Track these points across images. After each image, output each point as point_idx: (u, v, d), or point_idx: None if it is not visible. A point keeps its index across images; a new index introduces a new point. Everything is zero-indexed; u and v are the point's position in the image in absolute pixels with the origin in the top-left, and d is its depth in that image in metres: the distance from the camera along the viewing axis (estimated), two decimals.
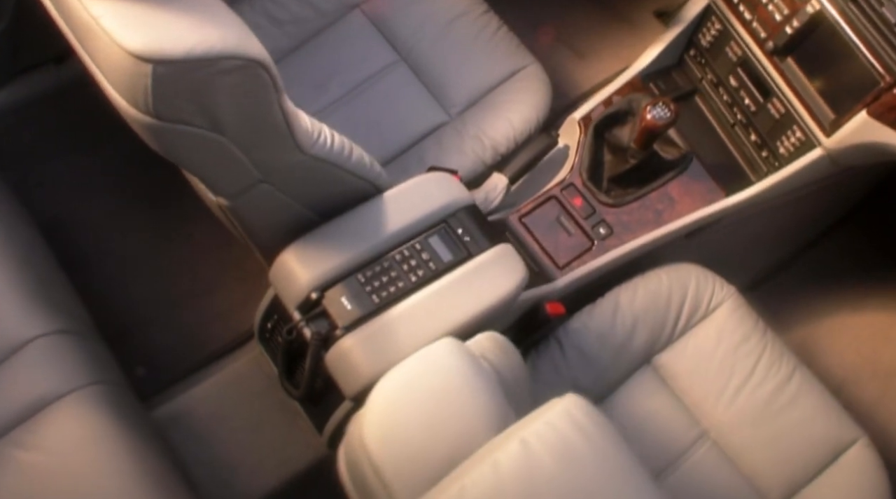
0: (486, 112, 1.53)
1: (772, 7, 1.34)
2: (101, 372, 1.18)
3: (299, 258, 1.14)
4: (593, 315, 1.39)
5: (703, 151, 1.50)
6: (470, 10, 1.61)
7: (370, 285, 1.13)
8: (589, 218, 1.41)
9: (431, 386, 0.70)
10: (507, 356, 1.06)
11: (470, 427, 0.68)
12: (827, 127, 1.32)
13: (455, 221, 1.19)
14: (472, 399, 0.70)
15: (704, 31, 1.48)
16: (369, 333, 1.10)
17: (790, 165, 1.39)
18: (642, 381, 1.39)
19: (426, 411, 0.68)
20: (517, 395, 1.04)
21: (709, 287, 1.44)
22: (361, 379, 1.08)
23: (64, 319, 1.20)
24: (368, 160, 1.17)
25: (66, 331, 1.18)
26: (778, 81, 1.37)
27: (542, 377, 1.35)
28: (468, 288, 1.14)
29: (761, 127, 1.44)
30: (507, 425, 0.72)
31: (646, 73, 1.53)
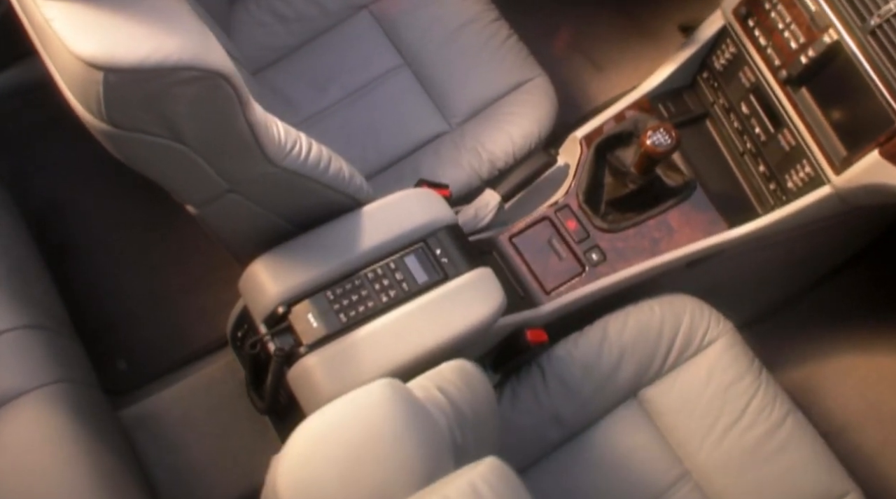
0: (486, 124, 1.49)
1: (788, 34, 1.27)
2: (68, 370, 1.16)
3: (269, 270, 1.10)
4: (579, 344, 1.34)
5: (710, 178, 1.43)
6: (480, 17, 1.56)
7: (339, 303, 1.09)
8: (582, 242, 1.36)
9: (355, 434, 0.66)
10: (470, 389, 1.02)
11: (390, 482, 0.64)
12: (837, 164, 1.25)
13: (434, 241, 1.15)
14: (397, 451, 0.66)
15: (719, 54, 1.42)
16: (333, 354, 1.07)
17: (797, 201, 1.32)
18: (626, 415, 1.34)
19: (345, 461, 0.64)
20: (479, 429, 1.00)
21: (704, 322, 1.38)
22: (321, 400, 1.05)
23: (35, 313, 1.18)
24: (347, 173, 1.13)
25: (36, 326, 1.16)
26: (790, 112, 1.30)
27: (522, 405, 1.30)
28: (440, 313, 1.10)
29: (770, 158, 1.38)
30: (435, 478, 0.68)
31: (656, 93, 1.46)
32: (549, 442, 1.31)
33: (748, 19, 1.33)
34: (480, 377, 1.10)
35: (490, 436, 1.07)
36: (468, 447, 0.94)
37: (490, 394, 1.10)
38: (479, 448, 0.99)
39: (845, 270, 1.68)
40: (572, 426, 1.31)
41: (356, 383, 1.05)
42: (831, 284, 1.68)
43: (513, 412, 1.30)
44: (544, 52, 1.87)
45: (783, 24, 1.27)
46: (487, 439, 1.05)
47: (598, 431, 1.33)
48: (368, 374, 1.06)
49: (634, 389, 1.34)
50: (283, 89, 1.53)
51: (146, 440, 1.26)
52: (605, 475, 1.30)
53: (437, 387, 0.95)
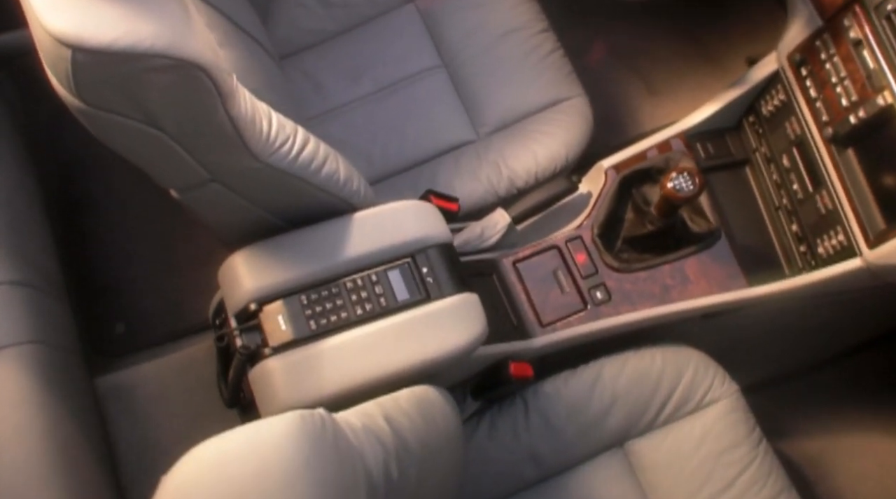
0: (513, 140, 1.43)
1: (840, 89, 1.17)
2: (46, 332, 1.16)
3: (247, 264, 1.08)
4: (569, 383, 1.28)
5: (738, 228, 1.34)
6: (527, 25, 1.50)
7: (311, 309, 1.06)
8: (589, 278, 1.29)
9: (246, 470, 0.62)
10: (425, 420, 0.98)
11: None
12: (872, 237, 1.15)
13: (422, 259, 1.11)
14: (285, 493, 0.62)
15: (768, 99, 1.32)
16: (296, 360, 1.03)
17: (825, 269, 1.23)
18: (609, 464, 1.27)
19: (228, 497, 0.61)
20: (426, 463, 0.95)
21: (707, 379, 1.30)
22: (277, 406, 1.02)
23: (25, 270, 1.18)
24: (343, 176, 1.09)
25: (22, 283, 1.16)
26: (831, 173, 1.20)
27: (499, 437, 1.25)
28: (414, 335, 1.06)
29: (805, 219, 1.28)
30: None
31: (696, 131, 1.38)
32: (524, 479, 1.25)
33: (802, 67, 1.24)
34: (443, 408, 1.05)
35: (442, 469, 1.02)
36: (406, 483, 0.90)
37: (451, 427, 1.06)
38: (423, 482, 0.95)
39: (875, 345, 1.56)
40: (549, 467, 1.26)
41: (314, 395, 1.03)
42: (857, 357, 1.56)
43: (489, 443, 1.25)
44: (596, 66, 1.80)
45: (837, 79, 1.18)
46: (438, 473, 1.00)
47: (577, 476, 1.27)
48: (328, 387, 1.02)
49: (621, 439, 1.28)
50: (315, 74, 1.50)
51: (117, 412, 1.26)
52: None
53: (384, 415, 0.91)
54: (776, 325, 1.44)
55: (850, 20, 1.15)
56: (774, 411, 1.31)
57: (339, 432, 0.75)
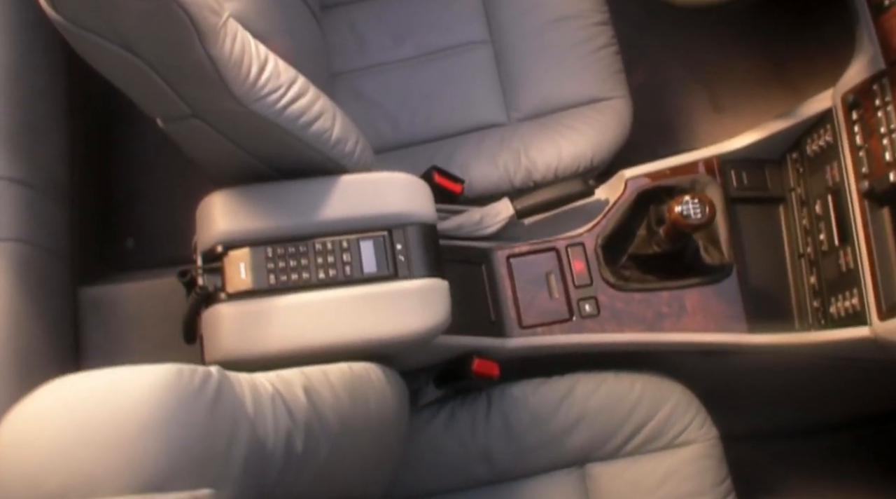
0: (542, 130, 1.37)
1: (887, 142, 1.07)
2: (36, 233, 1.18)
3: (223, 206, 1.06)
4: (539, 391, 1.23)
5: (755, 268, 1.25)
6: (584, 15, 1.42)
7: (274, 263, 1.04)
8: (581, 288, 1.23)
9: (99, 411, 0.61)
10: (352, 399, 0.95)
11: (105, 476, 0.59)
12: (885, 308, 1.05)
13: (399, 235, 1.07)
14: (132, 445, 0.60)
15: (815, 137, 1.22)
16: (248, 311, 1.02)
17: (830, 332, 1.13)
18: (565, 482, 1.22)
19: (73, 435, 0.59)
20: (344, 441, 0.93)
21: (685, 418, 1.23)
22: (220, 353, 1.01)
23: (28, 170, 1.20)
24: (334, 136, 1.06)
25: (21, 181, 1.18)
26: (859, 230, 1.11)
27: (456, 429, 1.22)
28: (370, 310, 1.03)
29: (824, 273, 1.18)
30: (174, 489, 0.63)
31: (733, 157, 1.28)
32: (473, 477, 1.22)
33: (854, 110, 1.13)
34: (381, 390, 1.02)
35: (366, 451, 0.99)
36: (314, 459, 0.88)
37: (387, 410, 1.03)
38: (337, 461, 0.93)
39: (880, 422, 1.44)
40: (502, 471, 1.22)
41: (257, 348, 1.02)
42: (859, 431, 1.45)
43: (444, 434, 1.22)
44: (659, 71, 1.71)
45: (886, 129, 1.07)
46: (359, 454, 0.98)
47: (529, 486, 1.23)
48: (272, 344, 1.01)
49: (583, 459, 1.23)
50: (360, 28, 1.47)
51: (93, 324, 1.28)
52: None
53: (304, 386, 0.89)
54: (782, 378, 1.35)
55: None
56: (759, 466, 1.22)
57: (225, 395, 0.74)
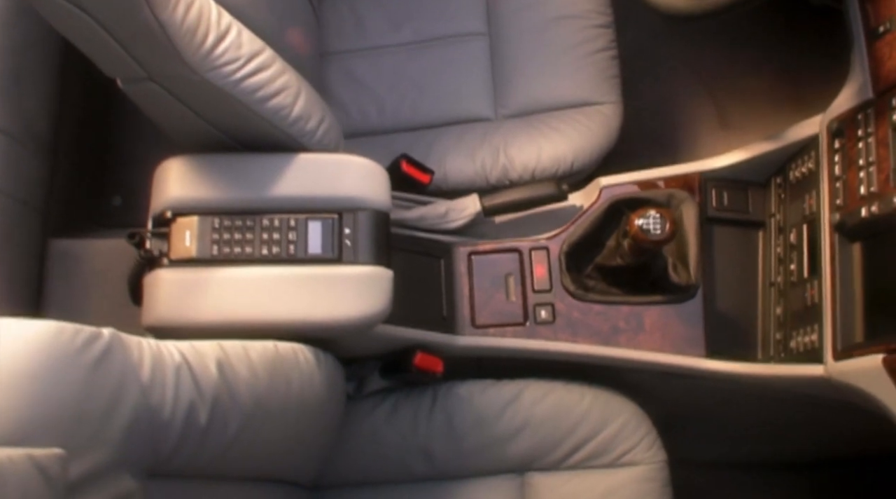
0: (525, 129, 1.34)
1: (864, 175, 1.02)
2: (7, 182, 1.20)
3: (178, 172, 1.07)
4: (486, 393, 1.21)
5: (724, 293, 1.21)
6: (585, 16, 1.39)
7: (219, 234, 1.04)
8: (539, 293, 1.20)
9: None
10: (271, 379, 0.94)
11: None
12: (840, 347, 1.00)
13: (349, 219, 1.06)
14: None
15: (799, 163, 1.17)
16: (187, 279, 1.02)
17: (785, 366, 1.09)
18: (502, 488, 1.20)
19: None
20: (255, 420, 0.92)
21: (633, 438, 1.20)
22: (154, 317, 1.02)
23: (7, 117, 1.21)
24: (296, 115, 1.05)
25: None
26: (827, 264, 1.06)
27: (397, 422, 1.20)
28: (308, 292, 1.02)
29: (790, 305, 1.14)
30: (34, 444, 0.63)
31: (717, 175, 1.24)
32: (411, 472, 1.20)
33: (837, 138, 1.08)
34: (308, 373, 1.01)
35: (283, 433, 0.98)
36: (220, 433, 0.87)
37: (313, 394, 1.02)
38: (247, 439, 0.92)
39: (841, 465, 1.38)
40: (441, 469, 1.20)
41: (190, 317, 1.02)
42: (818, 472, 1.39)
43: (385, 425, 1.21)
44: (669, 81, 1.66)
45: (864, 161, 1.02)
46: (274, 436, 0.97)
47: (467, 488, 1.21)
48: (206, 314, 1.01)
49: (523, 467, 1.20)
50: (360, 9, 1.46)
51: (58, 277, 1.30)
52: None
53: (218, 360, 0.88)
54: (743, 409, 1.30)
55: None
56: (709, 495, 1.19)
57: (113, 358, 0.73)
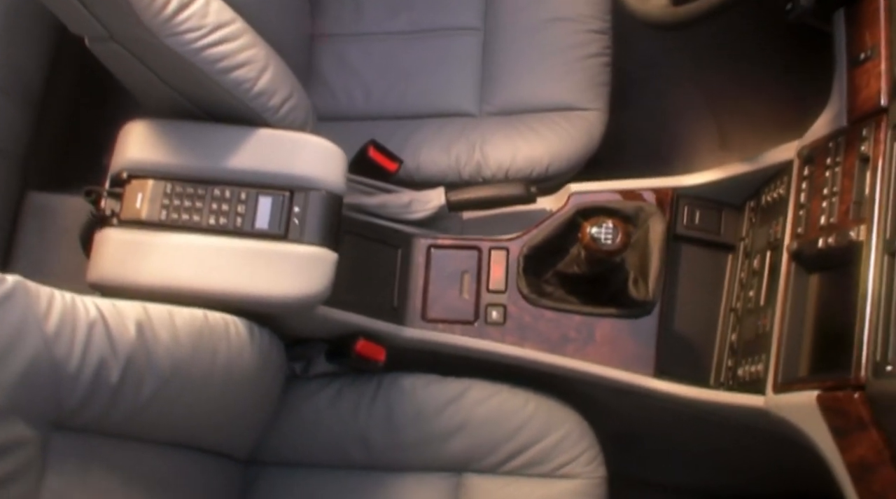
0: (504, 128, 1.32)
1: (826, 204, 0.98)
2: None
3: (140, 135, 1.08)
4: (430, 388, 1.19)
5: (684, 314, 1.18)
6: (581, 20, 1.36)
7: (170, 200, 1.05)
8: (493, 293, 1.19)
9: None
10: (195, 347, 0.95)
11: None
12: (780, 380, 0.97)
13: (300, 198, 1.05)
14: None
15: (772, 187, 1.13)
16: (132, 240, 1.03)
17: (728, 394, 1.06)
18: (438, 486, 1.18)
19: None
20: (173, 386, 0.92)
21: (573, 451, 1.18)
22: (97, 274, 1.03)
23: None
24: (259, 89, 1.06)
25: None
26: (780, 293, 1.02)
27: (339, 407, 1.19)
28: (248, 265, 1.02)
29: (744, 332, 1.10)
30: None
31: (692, 192, 1.21)
32: (348, 458, 1.20)
33: (807, 165, 1.05)
34: (237, 346, 1.01)
35: (204, 403, 0.98)
36: (133, 394, 0.87)
37: (238, 367, 1.02)
38: (162, 404, 0.92)
39: None
40: (377, 459, 1.19)
41: (130, 277, 1.03)
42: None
43: (328, 409, 1.20)
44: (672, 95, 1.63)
45: (829, 191, 0.98)
46: (194, 405, 0.97)
47: (402, 481, 1.20)
48: (145, 277, 1.02)
49: (461, 467, 1.18)
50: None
51: (31, 229, 1.32)
52: None
53: (138, 321, 0.89)
54: (698, 433, 1.27)
55: (868, 130, 0.95)
56: None
57: (14, 305, 0.75)
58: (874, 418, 0.83)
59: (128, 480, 0.91)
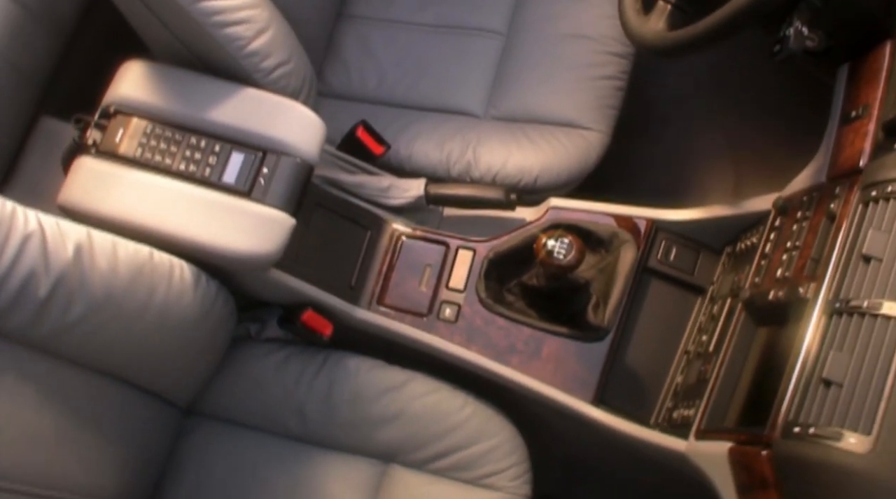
0: (503, 134, 1.32)
1: (786, 257, 0.95)
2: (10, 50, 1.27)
3: (135, 74, 1.11)
4: (372, 372, 1.19)
5: (639, 347, 1.15)
6: (603, 41, 1.35)
7: (148, 139, 1.08)
8: (451, 291, 1.18)
9: None
10: (132, 281, 0.97)
11: None
12: (703, 427, 0.94)
13: (271, 160, 1.07)
14: None
15: (748, 235, 1.10)
16: (103, 171, 1.07)
17: (654, 434, 1.03)
18: (363, 470, 1.18)
19: None
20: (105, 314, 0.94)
21: (501, 463, 1.16)
22: (65, 197, 1.07)
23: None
24: (252, 49, 1.08)
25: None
26: (727, 341, 0.99)
27: (283, 375, 1.20)
28: (205, 215, 1.04)
29: (688, 375, 1.07)
30: None
31: (674, 228, 1.18)
32: (284, 427, 1.20)
33: (780, 217, 1.01)
34: (181, 290, 1.03)
35: (135, 338, 1.00)
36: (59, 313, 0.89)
37: (176, 311, 1.03)
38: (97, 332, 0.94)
39: None
40: (311, 433, 1.19)
41: (93, 206, 1.06)
42: None
43: (273, 373, 1.21)
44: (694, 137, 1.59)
45: (791, 244, 0.95)
46: (124, 336, 0.99)
47: (330, 459, 1.20)
48: (107, 207, 1.05)
49: (389, 457, 1.18)
50: None
51: (35, 152, 1.34)
52: None
53: (79, 243, 0.91)
54: (641, 471, 1.23)
55: (842, 189, 0.92)
56: None
57: None
58: (776, 478, 0.80)
59: (42, 394, 0.93)
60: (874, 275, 0.80)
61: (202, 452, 1.21)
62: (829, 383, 0.77)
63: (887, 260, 0.80)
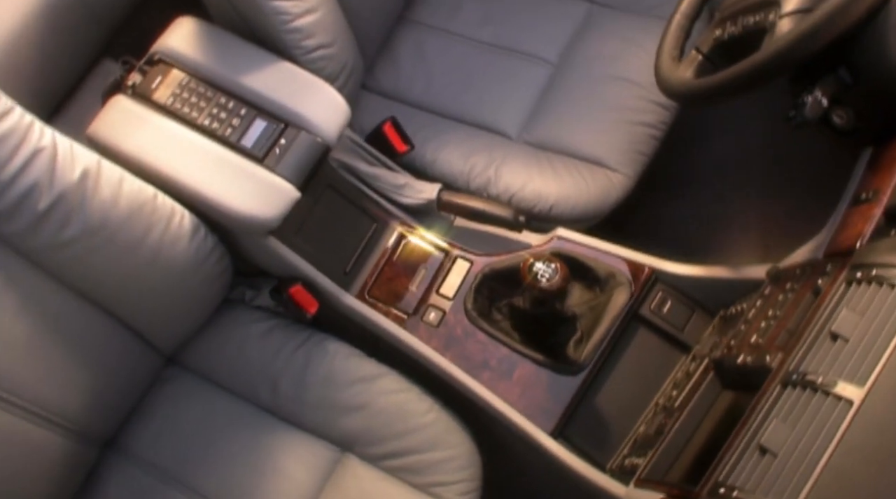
0: (530, 160, 1.33)
1: (764, 325, 0.93)
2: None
3: (185, 29, 1.17)
4: (348, 360, 1.21)
5: (612, 391, 1.13)
6: (649, 87, 1.34)
7: (182, 91, 1.13)
8: (440, 297, 1.19)
9: None
10: (130, 214, 1.01)
11: None
12: (643, 476, 0.92)
13: (291, 134, 1.11)
14: None
15: (741, 301, 1.08)
16: (134, 111, 1.12)
17: (600, 476, 1.01)
18: (320, 453, 1.19)
19: None
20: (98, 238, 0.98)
21: (453, 475, 1.16)
22: (94, 129, 1.12)
23: None
24: (295, 25, 1.14)
25: None
26: (686, 399, 0.97)
27: (265, 345, 1.22)
28: (215, 171, 1.09)
29: (649, 425, 1.05)
30: None
31: (675, 280, 1.17)
32: (255, 395, 1.22)
33: (770, 286, 0.99)
34: (176, 235, 1.07)
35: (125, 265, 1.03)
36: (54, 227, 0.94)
37: (170, 255, 1.07)
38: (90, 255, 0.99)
39: None
40: (279, 407, 1.21)
41: (116, 142, 1.11)
42: None
43: (256, 341, 1.23)
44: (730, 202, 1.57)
45: (773, 313, 0.93)
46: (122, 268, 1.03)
47: (292, 436, 1.21)
48: (128, 146, 1.10)
49: (347, 445, 1.19)
50: None
51: (89, 91, 1.40)
52: (241, 471, 1.19)
53: (87, 169, 0.96)
54: None
55: (833, 267, 0.90)
56: None
57: None
58: None
59: (23, 302, 0.98)
60: (837, 353, 0.78)
61: (174, 402, 1.24)
62: (765, 450, 0.75)
63: (853, 341, 0.78)
